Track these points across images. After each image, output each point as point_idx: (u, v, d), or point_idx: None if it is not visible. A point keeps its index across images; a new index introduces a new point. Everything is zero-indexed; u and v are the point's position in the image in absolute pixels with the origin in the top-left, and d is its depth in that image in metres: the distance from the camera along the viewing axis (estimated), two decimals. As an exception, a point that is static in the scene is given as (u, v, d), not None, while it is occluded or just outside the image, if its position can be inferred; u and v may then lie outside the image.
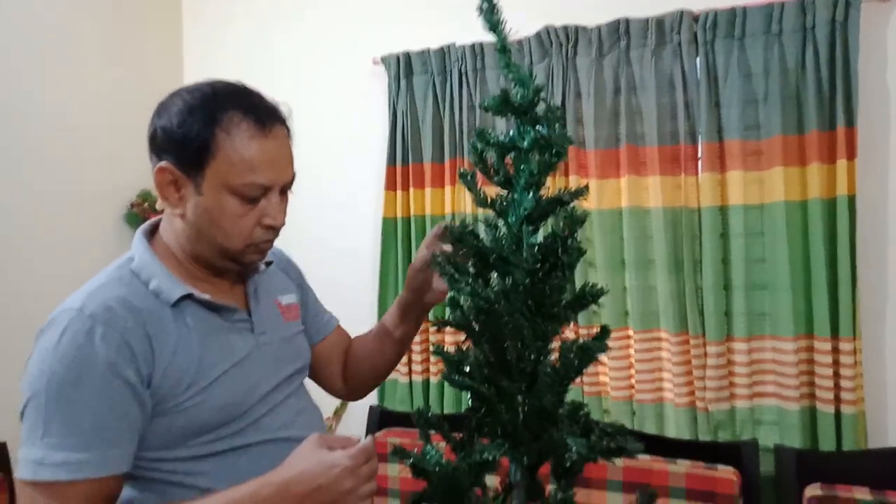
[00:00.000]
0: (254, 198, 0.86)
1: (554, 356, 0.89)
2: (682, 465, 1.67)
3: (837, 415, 1.62)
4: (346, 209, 2.34)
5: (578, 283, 1.88)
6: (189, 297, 0.87)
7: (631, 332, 1.87)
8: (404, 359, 2.17)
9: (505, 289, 0.88)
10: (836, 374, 1.62)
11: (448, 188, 2.11)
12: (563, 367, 0.87)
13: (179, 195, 0.86)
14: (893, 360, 1.63)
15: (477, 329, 0.88)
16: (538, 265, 0.88)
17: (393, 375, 2.23)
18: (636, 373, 1.85)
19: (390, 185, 2.16)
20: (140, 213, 2.38)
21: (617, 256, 1.86)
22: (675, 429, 1.79)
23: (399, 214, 2.16)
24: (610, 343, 1.97)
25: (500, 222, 0.93)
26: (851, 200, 1.59)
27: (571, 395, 0.91)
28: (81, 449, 0.77)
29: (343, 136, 2.34)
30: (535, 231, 0.88)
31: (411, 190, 2.15)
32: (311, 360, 1.12)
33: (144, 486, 0.85)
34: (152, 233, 0.94)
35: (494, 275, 0.92)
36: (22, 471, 0.77)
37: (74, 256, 2.28)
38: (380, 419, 2.17)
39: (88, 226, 2.34)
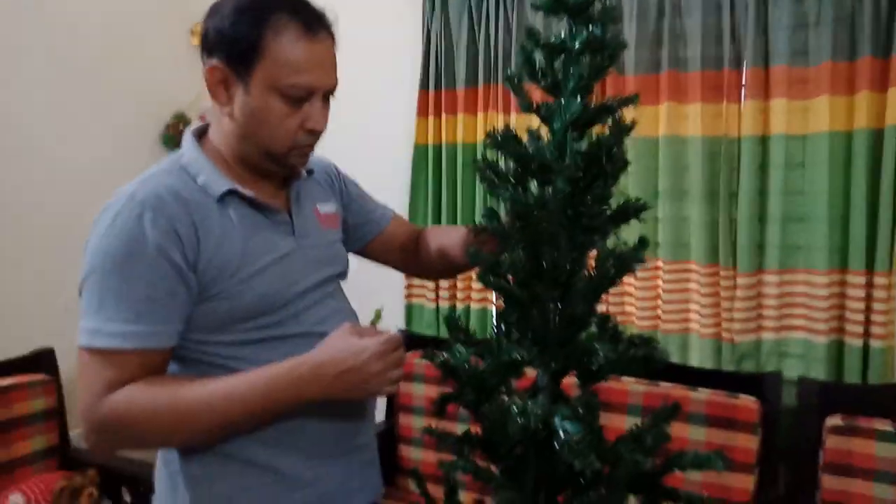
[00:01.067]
0: (298, 99, 0.90)
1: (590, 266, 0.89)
2: (703, 393, 1.69)
3: (865, 349, 1.61)
4: (378, 135, 2.32)
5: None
6: (234, 192, 0.92)
7: (661, 263, 1.86)
8: (432, 284, 2.20)
9: (545, 196, 0.88)
10: (868, 309, 1.60)
11: (480, 115, 2.08)
12: (598, 277, 0.87)
13: (228, 94, 0.90)
14: (928, 297, 1.60)
15: (514, 236, 0.88)
16: (581, 173, 0.87)
17: (419, 301, 2.27)
18: (663, 303, 1.85)
19: (422, 111, 2.14)
20: (175, 133, 2.40)
21: (651, 186, 1.84)
22: (699, 359, 1.81)
23: (430, 142, 2.15)
24: (638, 273, 1.97)
25: (544, 130, 0.92)
26: (901, 131, 1.54)
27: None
28: (133, 322, 0.84)
29: (375, 59, 2.30)
30: (581, 138, 0.87)
31: (443, 116, 2.13)
32: (379, 251, 1.22)
33: (189, 365, 0.92)
34: (202, 135, 0.99)
35: (534, 184, 0.92)
36: (80, 338, 0.85)
37: (112, 178, 2.32)
38: (407, 343, 2.23)
39: (125, 148, 2.38)
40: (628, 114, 0.90)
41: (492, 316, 2.16)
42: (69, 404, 2.03)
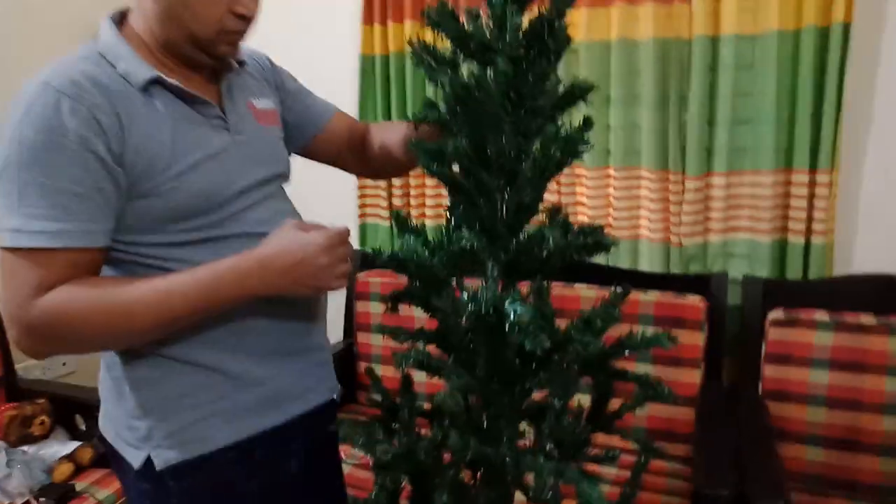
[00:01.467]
0: None
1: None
2: (652, 295, 1.74)
3: (807, 246, 1.67)
4: (320, 45, 2.22)
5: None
6: (159, 82, 0.85)
7: (612, 171, 1.86)
8: (385, 202, 2.17)
9: (486, 78, 0.84)
10: (811, 207, 1.65)
11: (429, 22, 1.99)
12: (543, 161, 0.85)
13: None
14: (868, 192, 1.65)
15: (455, 122, 0.85)
16: (522, 51, 0.84)
17: (373, 220, 2.24)
18: (614, 210, 1.87)
19: (367, 18, 2.04)
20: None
21: (603, 92, 1.81)
22: (648, 264, 1.84)
23: (378, 51, 2.06)
24: (590, 182, 1.98)
25: (484, 10, 0.88)
26: (846, 29, 1.54)
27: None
28: (59, 219, 0.78)
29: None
30: (521, 11, 0.83)
31: (390, 24, 2.03)
32: (322, 150, 1.15)
33: (123, 269, 0.88)
34: (121, 21, 0.90)
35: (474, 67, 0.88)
36: (1, 239, 0.78)
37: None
38: (361, 261, 2.22)
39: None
40: (581, 16, 0.87)
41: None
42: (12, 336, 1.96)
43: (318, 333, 1.06)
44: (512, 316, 0.76)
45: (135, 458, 0.91)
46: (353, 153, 1.17)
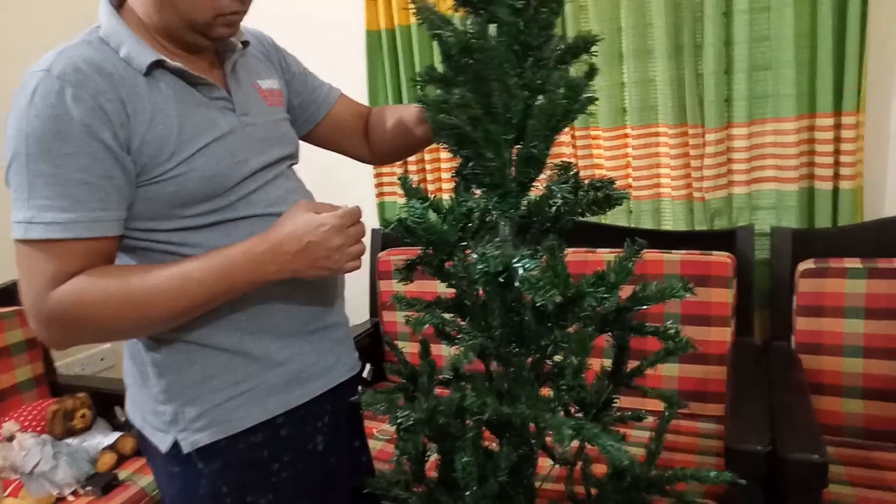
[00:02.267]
0: None
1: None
2: (677, 254, 1.71)
3: (835, 192, 1.61)
4: (325, 23, 2.20)
5: (574, 82, 1.81)
6: (161, 65, 0.85)
7: (629, 130, 1.82)
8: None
9: (487, 30, 0.82)
10: (837, 152, 1.58)
11: (433, -8, 1.96)
12: (550, 108, 0.82)
13: None
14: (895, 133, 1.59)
15: (461, 77, 0.83)
16: (525, 1, 0.81)
17: (391, 197, 2.24)
18: (633, 170, 1.83)
19: (371, -8, 2.01)
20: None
21: (615, 48, 1.76)
22: (672, 223, 1.80)
23: (383, 27, 2.04)
24: (606, 143, 1.94)
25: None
26: (867, -40, 1.46)
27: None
28: (69, 209, 0.78)
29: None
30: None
31: (394, -4, 2.01)
32: (328, 134, 1.15)
33: (139, 256, 0.88)
34: (120, 5, 0.90)
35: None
36: (14, 231, 0.79)
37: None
38: (382, 240, 2.22)
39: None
40: None
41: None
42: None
43: (337, 311, 1.06)
44: (521, 272, 0.74)
45: (162, 442, 0.93)
46: (357, 137, 1.17)
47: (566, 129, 1.88)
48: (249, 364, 0.93)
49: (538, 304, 0.74)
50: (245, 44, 0.99)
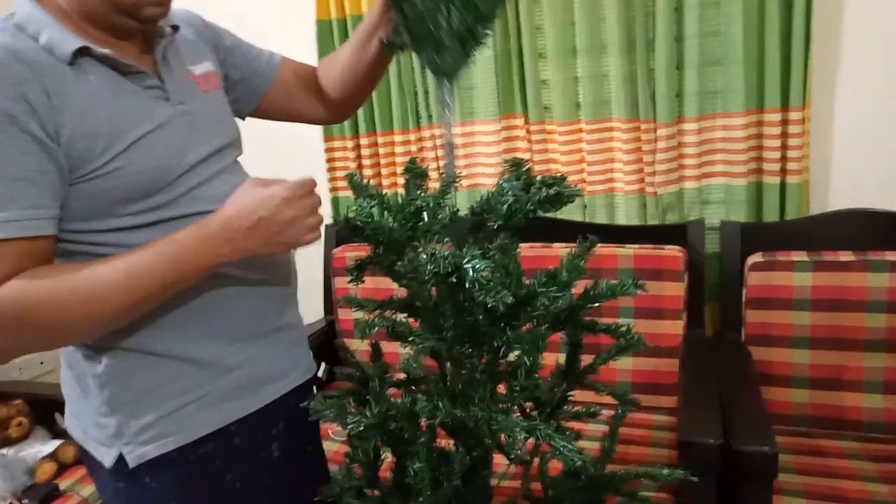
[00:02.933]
0: None
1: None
2: (630, 249, 1.72)
3: (783, 186, 1.64)
4: (277, 11, 2.14)
5: (529, 76, 1.80)
6: (87, 52, 0.78)
7: (583, 125, 1.82)
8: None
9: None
10: (784, 147, 1.62)
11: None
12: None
13: None
14: (841, 129, 1.63)
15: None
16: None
17: (345, 192, 2.19)
18: (587, 165, 1.83)
19: (321, -19, 1.96)
20: None
21: (568, 42, 1.76)
22: (625, 217, 1.81)
23: (334, 16, 1.99)
24: (561, 138, 1.94)
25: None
26: (812, -41, 1.49)
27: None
28: (1, 208, 0.71)
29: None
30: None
31: (344, -15, 1.96)
32: (279, 102, 1.08)
33: (79, 260, 0.81)
34: None
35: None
36: None
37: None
38: (337, 237, 2.17)
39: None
40: None
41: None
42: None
43: (290, 312, 1.02)
44: (471, 273, 0.72)
45: (106, 457, 0.87)
46: (310, 97, 1.10)
47: (521, 124, 1.88)
48: (198, 371, 0.88)
49: (490, 305, 0.73)
50: (174, 28, 0.93)
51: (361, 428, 0.84)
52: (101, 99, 0.79)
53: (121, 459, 0.86)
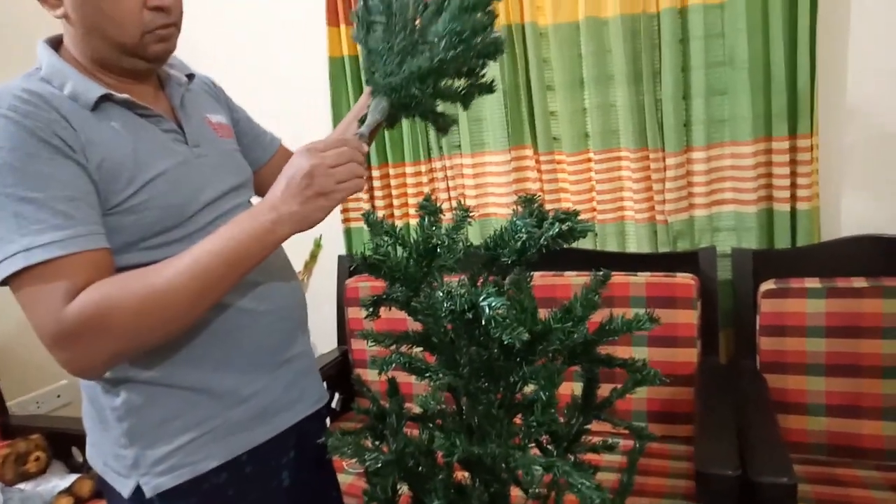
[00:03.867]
0: None
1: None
2: (642, 276, 1.72)
3: (793, 212, 1.65)
4: (290, 49, 2.19)
5: (538, 107, 1.83)
6: (109, 98, 0.83)
7: (591, 155, 1.84)
8: (367, 205, 2.14)
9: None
10: (793, 173, 1.63)
11: (395, 19, 1.96)
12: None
13: None
14: (849, 154, 1.63)
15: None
16: None
17: (358, 224, 2.22)
18: (597, 194, 1.84)
19: (332, 19, 2.01)
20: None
21: (576, 75, 1.79)
22: (636, 244, 1.82)
23: (346, 53, 2.03)
24: (570, 168, 1.96)
25: None
26: (814, -12, 1.52)
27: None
28: (65, 227, 0.75)
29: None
30: None
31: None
32: (265, 179, 1.10)
33: None
34: (56, 48, 0.88)
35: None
36: (9, 267, 0.73)
37: None
38: (349, 267, 2.19)
39: None
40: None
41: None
42: (1, 373, 1.94)
43: (302, 341, 1.04)
44: (487, 310, 0.74)
45: (124, 487, 0.89)
46: None
47: (530, 154, 1.90)
48: (213, 402, 0.90)
49: (506, 342, 0.74)
50: (190, 77, 0.98)
51: (379, 465, 0.85)
52: (124, 139, 0.83)
53: (138, 490, 0.88)
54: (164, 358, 0.86)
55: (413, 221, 2.10)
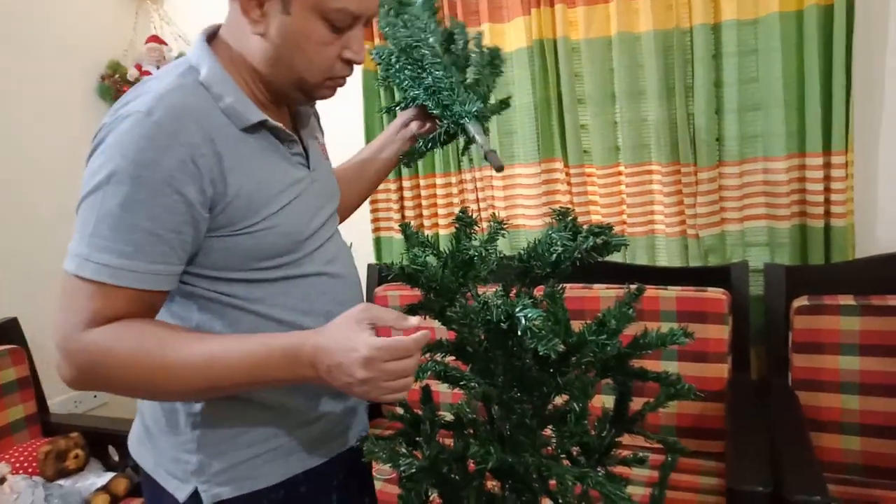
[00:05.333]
0: (341, 27, 0.82)
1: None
2: (673, 291, 1.72)
3: (827, 229, 1.63)
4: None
5: (569, 121, 1.85)
6: (263, 123, 0.85)
7: (622, 168, 1.84)
8: (397, 215, 2.17)
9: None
10: (827, 189, 1.62)
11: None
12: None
13: (262, 11, 0.81)
14: (885, 171, 1.62)
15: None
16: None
17: (387, 233, 2.25)
18: (627, 207, 1.85)
19: (367, 32, 2.05)
20: (112, 84, 2.29)
21: (608, 89, 1.80)
22: (666, 259, 1.82)
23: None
24: (601, 181, 1.97)
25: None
26: (850, 4, 1.51)
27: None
28: (127, 255, 0.75)
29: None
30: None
31: (390, 38, 2.04)
32: None
33: (203, 305, 0.86)
34: (210, 39, 0.88)
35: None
36: (67, 263, 0.77)
37: (51, 137, 2.22)
38: (379, 276, 2.22)
39: (59, 104, 2.26)
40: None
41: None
42: (42, 372, 2.00)
43: None
44: (523, 322, 0.75)
45: (179, 491, 0.89)
46: None
47: (560, 167, 1.91)
48: (281, 421, 0.91)
49: (541, 353, 0.75)
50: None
51: (413, 470, 0.87)
52: (261, 164, 0.84)
53: (195, 495, 0.88)
54: (265, 305, 0.87)
55: (443, 232, 2.13)
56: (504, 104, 1.12)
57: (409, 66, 1.02)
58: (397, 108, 1.12)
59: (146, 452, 0.95)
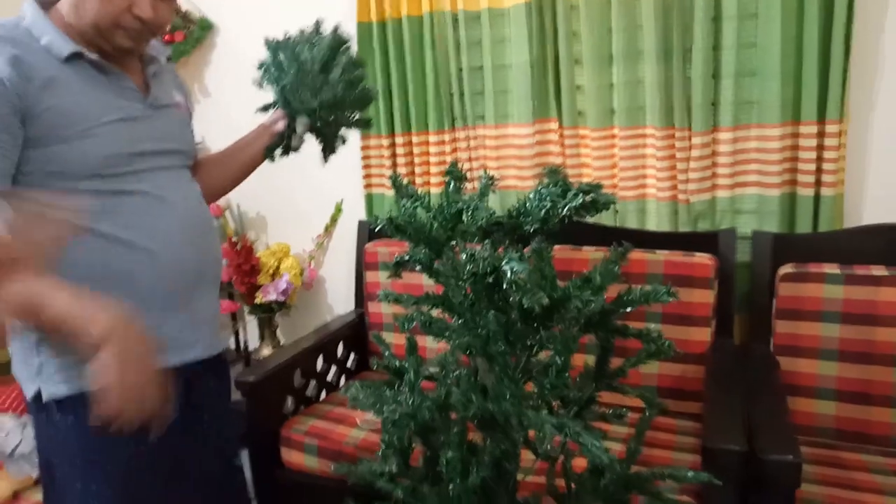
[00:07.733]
0: None
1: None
2: (661, 255, 1.73)
3: (817, 198, 1.64)
4: (318, 13, 2.18)
5: (565, 81, 1.83)
6: (80, 56, 0.98)
7: (616, 131, 1.84)
8: (388, 172, 2.16)
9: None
10: (820, 159, 1.62)
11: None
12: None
13: None
14: (877, 143, 1.62)
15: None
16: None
17: (379, 189, 2.24)
18: (619, 171, 1.85)
19: (363, -16, 2.01)
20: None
21: (605, 50, 1.78)
22: (656, 223, 1.83)
23: (374, 19, 2.03)
24: (594, 143, 1.96)
25: None
26: (854, -28, 1.49)
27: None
28: None
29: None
30: None
31: (385, -13, 2.00)
32: None
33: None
34: (47, 8, 1.01)
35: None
36: None
37: None
38: (369, 232, 2.22)
39: None
40: None
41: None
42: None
43: (204, 296, 1.13)
44: (509, 274, 0.76)
45: (27, 391, 1.03)
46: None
47: (554, 128, 1.90)
48: None
49: (525, 306, 0.76)
50: (170, 59, 1.16)
51: (397, 416, 0.88)
52: (82, 88, 0.97)
53: (38, 394, 1.01)
54: (96, 218, 0.97)
55: (434, 190, 2.12)
56: (366, 124, 1.30)
57: (278, 72, 1.21)
58: (271, 107, 1.27)
59: (14, 361, 1.07)
